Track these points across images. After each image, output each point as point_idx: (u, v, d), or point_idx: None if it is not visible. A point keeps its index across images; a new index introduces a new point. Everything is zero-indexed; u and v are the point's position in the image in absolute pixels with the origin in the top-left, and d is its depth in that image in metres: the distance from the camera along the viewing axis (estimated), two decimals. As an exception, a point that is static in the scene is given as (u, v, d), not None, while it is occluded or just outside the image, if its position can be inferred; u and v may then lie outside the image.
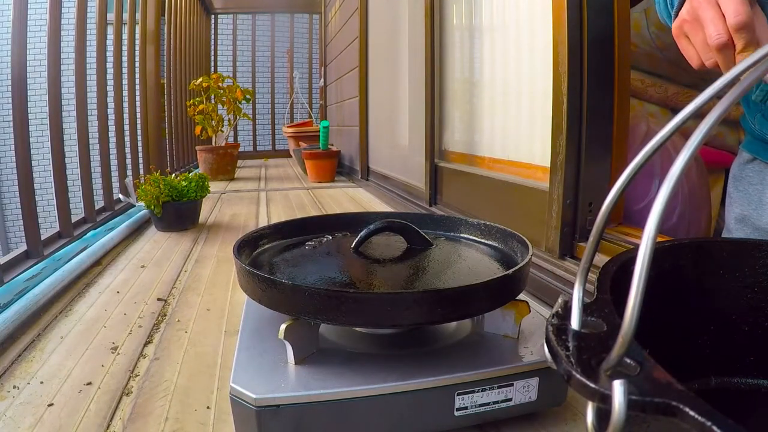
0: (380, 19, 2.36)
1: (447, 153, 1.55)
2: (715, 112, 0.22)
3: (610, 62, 0.87)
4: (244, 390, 0.45)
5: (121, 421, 0.54)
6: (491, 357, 0.51)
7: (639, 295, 0.21)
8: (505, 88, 1.19)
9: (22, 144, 1.17)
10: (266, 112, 4.76)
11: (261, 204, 2.07)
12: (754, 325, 0.40)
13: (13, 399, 0.59)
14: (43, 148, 1.86)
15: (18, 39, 1.18)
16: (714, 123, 0.22)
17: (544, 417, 0.54)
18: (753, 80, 0.22)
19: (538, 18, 1.01)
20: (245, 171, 3.49)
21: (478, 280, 0.50)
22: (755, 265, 0.40)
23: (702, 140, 0.22)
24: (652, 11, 1.16)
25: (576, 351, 0.24)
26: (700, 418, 0.19)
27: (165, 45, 2.96)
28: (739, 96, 0.22)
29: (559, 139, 0.89)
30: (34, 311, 0.84)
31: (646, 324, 0.25)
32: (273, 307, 0.51)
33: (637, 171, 0.26)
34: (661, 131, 0.25)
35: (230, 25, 4.59)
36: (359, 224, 0.72)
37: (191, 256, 1.24)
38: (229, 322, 0.82)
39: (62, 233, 1.35)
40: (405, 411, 0.47)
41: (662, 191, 0.21)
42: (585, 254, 0.28)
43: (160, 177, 1.49)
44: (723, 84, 0.23)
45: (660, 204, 0.21)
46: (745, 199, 0.62)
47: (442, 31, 1.54)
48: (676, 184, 0.21)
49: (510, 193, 1.11)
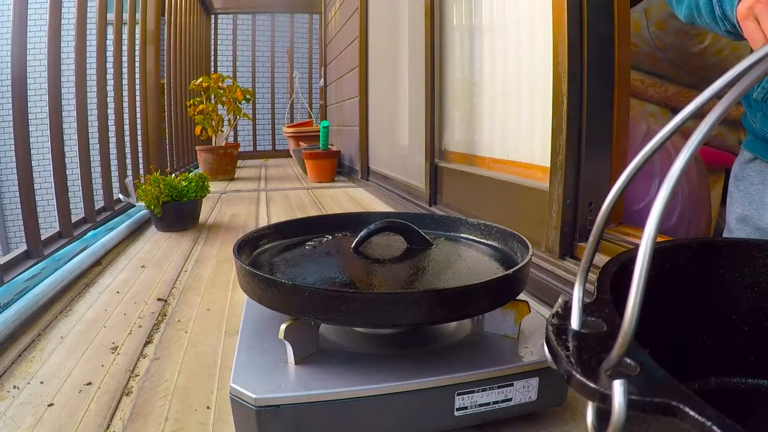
0: (380, 19, 2.36)
1: (447, 153, 1.55)
2: (716, 112, 0.22)
3: (610, 62, 0.87)
4: (244, 390, 0.45)
5: (121, 421, 0.54)
6: (491, 357, 0.51)
7: (639, 295, 0.21)
8: (505, 88, 1.19)
9: (22, 144, 1.17)
10: (266, 112, 4.76)
11: (261, 204, 2.07)
12: (754, 325, 0.40)
13: (13, 399, 0.59)
14: (43, 148, 1.86)
15: (18, 39, 1.18)
16: (714, 123, 0.22)
17: (544, 417, 0.54)
18: (752, 81, 0.22)
19: (538, 18, 1.01)
20: (245, 171, 3.49)
21: (478, 280, 0.50)
22: (755, 265, 0.40)
23: (702, 140, 0.22)
24: (652, 11, 1.16)
25: (576, 351, 0.24)
26: (700, 418, 0.19)
27: (165, 45, 2.96)
28: (739, 96, 0.22)
29: (559, 139, 0.89)
30: (34, 311, 0.84)
31: (646, 324, 0.25)
32: (273, 307, 0.51)
33: (637, 171, 0.26)
34: (661, 131, 0.25)
35: (230, 25, 4.59)
36: (359, 224, 0.72)
37: (191, 256, 1.24)
38: (229, 322, 0.82)
39: (62, 233, 1.35)
40: (405, 411, 0.47)
41: (662, 191, 0.21)
42: (585, 254, 0.28)
43: (160, 177, 1.49)
44: (723, 84, 0.23)
45: (660, 204, 0.21)
46: (746, 199, 0.62)
47: (442, 31, 1.54)
48: (676, 184, 0.21)
49: (510, 193, 1.11)
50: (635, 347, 0.22)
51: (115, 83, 2.02)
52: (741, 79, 0.22)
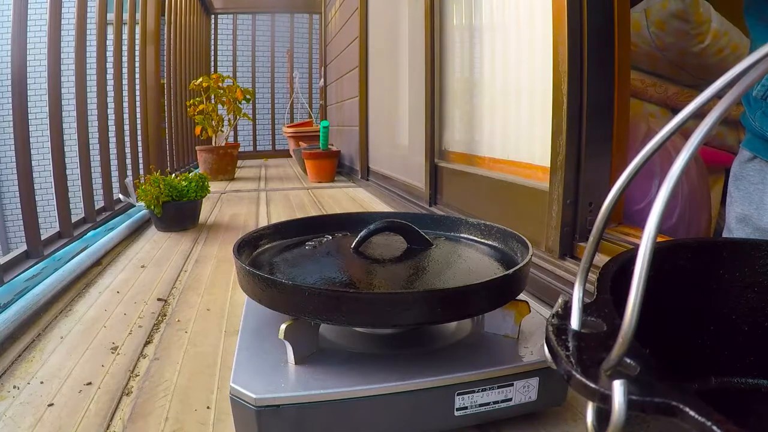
0: (380, 19, 2.36)
1: (447, 153, 1.55)
2: (715, 112, 0.22)
3: (610, 62, 0.87)
4: (244, 390, 0.44)
5: (121, 421, 0.54)
6: (491, 357, 0.51)
7: (639, 296, 0.21)
8: (505, 88, 1.19)
9: (22, 144, 1.17)
10: (266, 112, 4.76)
11: (261, 204, 2.07)
12: (754, 325, 0.40)
13: (14, 399, 0.59)
14: (43, 148, 1.86)
15: (18, 39, 1.18)
16: (714, 123, 0.22)
17: (544, 417, 0.54)
18: (752, 81, 0.22)
19: (538, 18, 1.01)
20: (245, 171, 3.49)
21: (478, 280, 0.50)
22: (755, 265, 0.40)
23: (702, 141, 0.22)
24: (652, 11, 1.16)
25: (576, 351, 0.24)
26: (700, 418, 0.19)
27: (165, 45, 2.96)
28: (739, 96, 0.22)
29: (559, 139, 0.89)
30: (34, 311, 0.84)
31: (647, 324, 0.25)
32: (273, 307, 0.51)
33: (637, 171, 0.26)
34: (661, 131, 0.25)
35: (230, 25, 4.59)
36: (359, 224, 0.72)
37: (191, 256, 1.24)
38: (229, 322, 0.82)
39: (62, 233, 1.35)
40: (405, 411, 0.47)
41: (662, 191, 0.21)
42: (585, 254, 0.28)
43: (160, 177, 1.49)
44: (723, 84, 0.23)
45: (660, 204, 0.21)
46: (746, 198, 0.62)
47: (442, 31, 1.54)
48: (676, 184, 0.21)
49: (510, 193, 1.11)
50: (635, 347, 0.22)
51: (115, 83, 2.02)
52: (741, 79, 0.22)
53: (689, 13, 1.12)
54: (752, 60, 0.22)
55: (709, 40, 1.15)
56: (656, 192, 0.22)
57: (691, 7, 1.11)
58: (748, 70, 0.22)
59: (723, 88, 0.24)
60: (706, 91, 0.24)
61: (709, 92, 0.24)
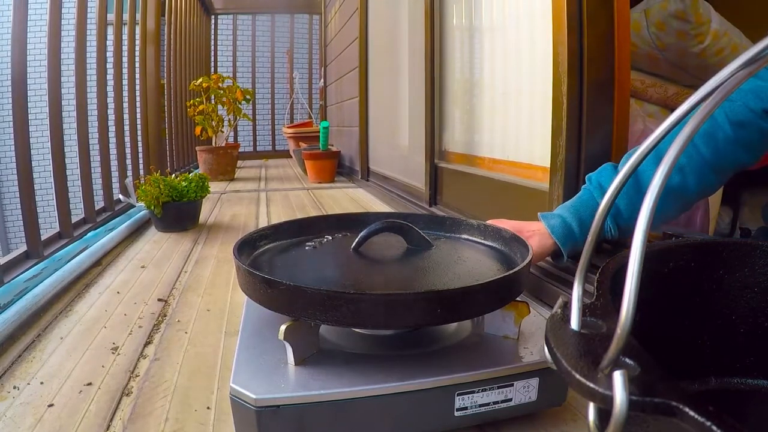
0: (380, 19, 2.36)
1: (447, 153, 1.55)
2: (690, 126, 0.22)
3: (610, 63, 0.87)
4: (244, 390, 0.44)
5: (121, 422, 0.54)
6: (491, 357, 0.51)
7: (633, 292, 0.21)
8: (505, 89, 1.19)
9: (22, 144, 1.17)
10: (266, 113, 4.76)
11: (261, 204, 2.07)
12: (754, 325, 0.40)
13: (14, 399, 0.59)
14: (43, 149, 1.85)
15: (18, 39, 1.18)
16: (690, 135, 0.22)
17: (544, 417, 0.54)
18: (735, 85, 0.22)
19: (538, 18, 1.01)
20: (245, 171, 3.49)
21: (479, 281, 0.50)
22: (755, 265, 0.40)
23: (679, 154, 0.22)
24: (652, 11, 1.16)
25: (576, 351, 0.24)
26: (700, 418, 0.19)
27: (165, 45, 2.96)
28: (711, 111, 0.22)
29: (558, 140, 0.89)
30: (34, 311, 0.84)
31: (647, 324, 0.25)
32: (273, 308, 0.51)
33: (633, 171, 0.26)
34: (656, 131, 0.25)
35: (230, 25, 4.59)
36: (359, 224, 0.72)
37: (191, 257, 1.24)
38: (229, 323, 0.82)
39: (62, 233, 1.35)
40: (405, 411, 0.47)
41: (645, 203, 0.21)
42: (583, 255, 0.28)
43: (160, 177, 1.49)
44: (717, 84, 0.23)
45: (646, 210, 0.21)
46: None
47: (442, 31, 1.54)
48: (658, 197, 0.22)
49: (510, 194, 1.11)
50: (635, 347, 0.22)
51: (115, 83, 2.02)
52: (726, 83, 0.22)
53: (689, 13, 1.12)
54: (743, 60, 0.22)
55: (709, 40, 1.15)
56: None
57: (690, 7, 1.11)
58: (738, 71, 0.22)
59: (716, 87, 0.24)
60: (698, 92, 0.24)
61: (702, 92, 0.24)
